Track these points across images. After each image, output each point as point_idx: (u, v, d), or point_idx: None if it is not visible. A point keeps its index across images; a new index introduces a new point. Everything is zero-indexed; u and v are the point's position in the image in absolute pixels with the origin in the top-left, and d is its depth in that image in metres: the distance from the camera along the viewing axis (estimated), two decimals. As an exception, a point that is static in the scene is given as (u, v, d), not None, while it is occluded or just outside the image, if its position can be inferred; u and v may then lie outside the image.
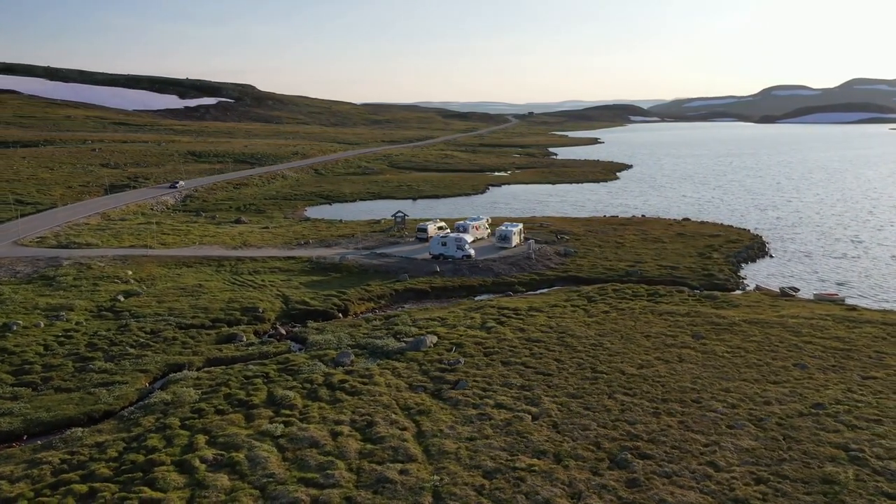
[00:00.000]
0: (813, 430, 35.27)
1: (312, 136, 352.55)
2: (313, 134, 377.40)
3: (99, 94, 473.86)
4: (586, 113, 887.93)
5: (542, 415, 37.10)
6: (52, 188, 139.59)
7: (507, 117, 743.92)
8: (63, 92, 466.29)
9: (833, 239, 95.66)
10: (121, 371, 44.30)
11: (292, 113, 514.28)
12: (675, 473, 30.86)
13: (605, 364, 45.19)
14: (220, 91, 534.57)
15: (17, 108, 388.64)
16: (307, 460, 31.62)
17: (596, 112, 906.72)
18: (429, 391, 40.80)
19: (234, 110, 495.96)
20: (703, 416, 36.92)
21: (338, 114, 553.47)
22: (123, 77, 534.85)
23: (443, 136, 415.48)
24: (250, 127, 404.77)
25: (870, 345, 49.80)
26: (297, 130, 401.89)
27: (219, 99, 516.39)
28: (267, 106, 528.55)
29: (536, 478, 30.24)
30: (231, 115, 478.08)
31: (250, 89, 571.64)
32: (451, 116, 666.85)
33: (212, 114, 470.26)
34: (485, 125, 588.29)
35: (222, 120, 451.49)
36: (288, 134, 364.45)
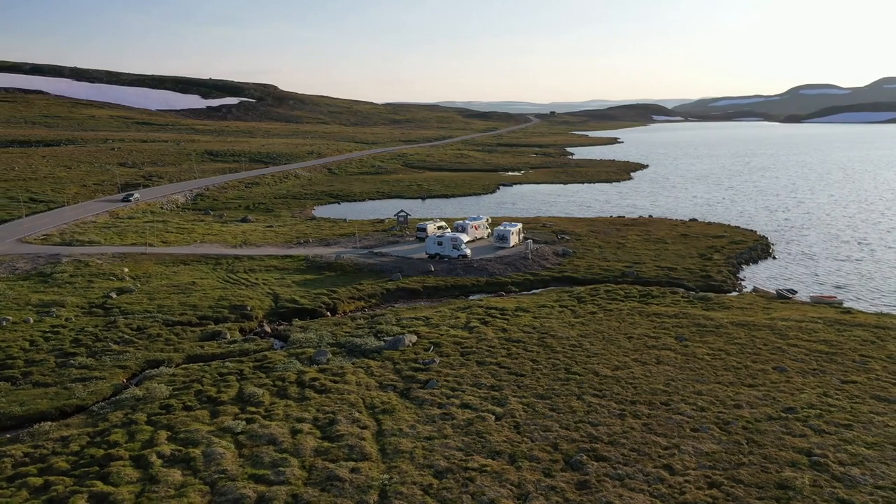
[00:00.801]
0: (779, 435, 34.74)
1: (331, 136, 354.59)
2: (332, 133, 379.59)
3: (124, 95, 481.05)
4: (609, 112, 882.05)
5: (505, 415, 36.99)
6: (67, 186, 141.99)
7: (528, 117, 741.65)
8: (89, 92, 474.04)
9: (840, 241, 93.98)
10: (100, 367, 44.96)
11: (313, 113, 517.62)
12: (629, 476, 30.59)
13: (581, 365, 44.92)
14: (242, 91, 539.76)
15: (44, 108, 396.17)
16: (262, 457, 31.86)
17: (618, 111, 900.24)
18: (398, 390, 40.87)
19: (256, 110, 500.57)
20: (668, 419, 36.54)
21: (358, 113, 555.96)
22: (148, 77, 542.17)
23: (462, 135, 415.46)
24: (270, 126, 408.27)
25: (856, 348, 48.93)
26: (317, 130, 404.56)
27: (241, 99, 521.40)
28: (288, 106, 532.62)
29: (486, 478, 30.16)
30: (252, 114, 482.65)
31: (272, 89, 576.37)
32: (471, 116, 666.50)
33: (233, 113, 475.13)
34: (505, 125, 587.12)
35: (244, 119, 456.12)
36: (307, 133, 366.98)
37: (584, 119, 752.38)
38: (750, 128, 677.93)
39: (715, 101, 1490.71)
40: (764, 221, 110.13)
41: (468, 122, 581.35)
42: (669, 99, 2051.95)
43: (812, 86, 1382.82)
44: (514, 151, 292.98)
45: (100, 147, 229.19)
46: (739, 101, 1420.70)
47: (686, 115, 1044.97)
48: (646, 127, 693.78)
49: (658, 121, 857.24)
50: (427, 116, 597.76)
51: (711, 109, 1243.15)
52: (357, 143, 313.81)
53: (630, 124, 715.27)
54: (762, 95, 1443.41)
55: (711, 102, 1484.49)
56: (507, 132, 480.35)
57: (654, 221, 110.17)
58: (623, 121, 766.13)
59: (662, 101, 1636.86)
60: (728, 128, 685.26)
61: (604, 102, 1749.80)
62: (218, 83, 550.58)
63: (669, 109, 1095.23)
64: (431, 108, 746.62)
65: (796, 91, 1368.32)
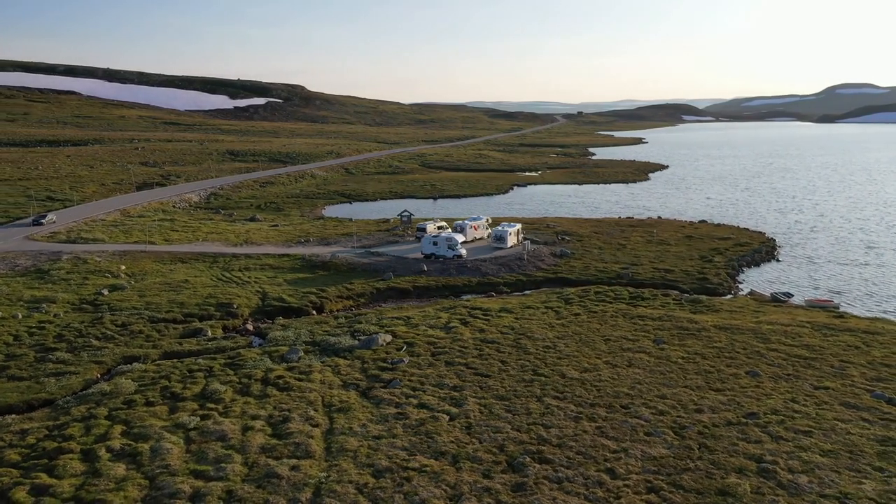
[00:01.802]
0: (733, 441, 34.16)
1: (354, 136, 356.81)
2: (356, 133, 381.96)
3: (153, 95, 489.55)
4: (637, 112, 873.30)
5: (460, 416, 36.92)
6: (86, 185, 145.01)
7: (555, 117, 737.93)
8: (120, 93, 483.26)
9: (848, 244, 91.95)
10: (77, 362, 45.90)
11: (338, 113, 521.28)
12: (568, 479, 30.33)
13: (550, 367, 44.63)
14: (269, 91, 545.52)
15: (76, 109, 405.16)
16: (207, 453, 32.25)
17: (647, 111, 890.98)
18: (360, 389, 41.04)
19: (283, 110, 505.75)
20: (624, 423, 36.14)
21: (384, 113, 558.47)
22: (178, 78, 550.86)
23: (485, 135, 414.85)
24: (295, 126, 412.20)
25: (838, 354, 47.90)
26: (341, 130, 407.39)
27: (268, 99, 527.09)
28: (314, 106, 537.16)
29: (424, 478, 30.16)
30: (279, 114, 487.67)
31: (299, 89, 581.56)
32: (497, 116, 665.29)
33: (260, 114, 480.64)
34: (530, 125, 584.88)
35: (270, 120, 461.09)
36: (330, 133, 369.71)
37: (612, 119, 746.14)
38: (781, 128, 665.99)
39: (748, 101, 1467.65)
40: (774, 223, 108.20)
41: (493, 123, 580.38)
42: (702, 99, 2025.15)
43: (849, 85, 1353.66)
44: (534, 152, 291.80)
45: (124, 147, 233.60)
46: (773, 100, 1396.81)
47: (717, 115, 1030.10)
48: (674, 127, 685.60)
49: (688, 121, 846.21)
50: (452, 116, 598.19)
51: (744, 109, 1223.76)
52: (379, 143, 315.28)
53: (658, 124, 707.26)
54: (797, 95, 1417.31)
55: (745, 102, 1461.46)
56: (531, 132, 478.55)
57: (661, 223, 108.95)
58: (651, 121, 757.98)
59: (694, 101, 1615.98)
60: (759, 128, 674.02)
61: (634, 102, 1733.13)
62: (246, 84, 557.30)
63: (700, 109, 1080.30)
64: (458, 109, 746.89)
65: (832, 90, 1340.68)
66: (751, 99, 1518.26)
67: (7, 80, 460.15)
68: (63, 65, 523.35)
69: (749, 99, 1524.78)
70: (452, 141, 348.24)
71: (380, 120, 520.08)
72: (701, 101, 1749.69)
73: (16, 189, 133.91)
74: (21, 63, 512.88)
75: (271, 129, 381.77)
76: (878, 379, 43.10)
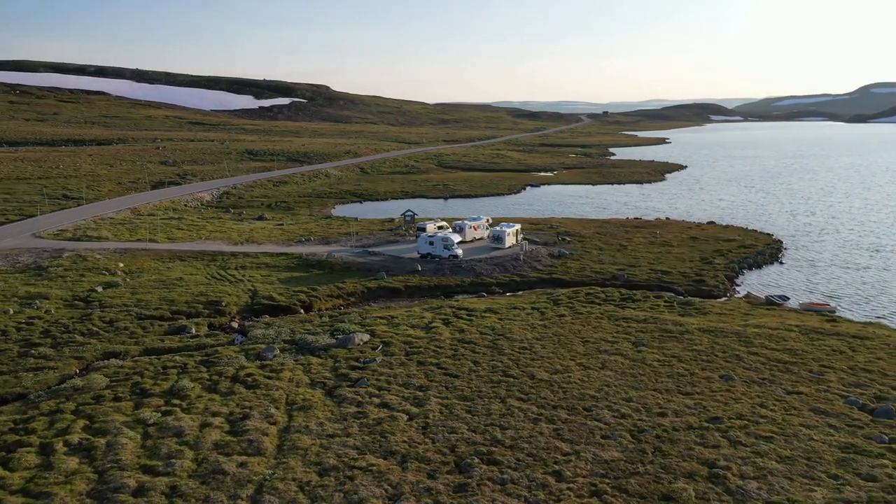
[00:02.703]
0: (690, 445, 33.72)
1: (376, 136, 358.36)
2: (377, 133, 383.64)
3: (180, 95, 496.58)
4: (664, 112, 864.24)
5: (419, 416, 36.95)
6: (103, 184, 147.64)
7: (579, 116, 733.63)
8: (148, 93, 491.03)
9: (856, 247, 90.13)
10: (58, 357, 46.77)
11: (362, 112, 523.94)
12: (512, 481, 30.20)
13: (521, 368, 44.45)
14: (293, 91, 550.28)
15: (104, 109, 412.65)
16: (161, 449, 32.70)
17: (674, 111, 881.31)
18: (326, 388, 41.26)
19: (306, 110, 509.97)
20: (582, 425, 35.87)
21: (407, 113, 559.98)
22: (204, 78, 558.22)
23: (507, 135, 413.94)
24: (318, 126, 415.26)
25: (820, 358, 47.01)
26: (363, 130, 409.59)
27: (292, 99, 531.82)
28: (338, 106, 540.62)
29: (367, 478, 30.25)
30: (303, 114, 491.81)
31: (324, 89, 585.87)
32: (521, 116, 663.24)
33: (284, 113, 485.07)
34: (553, 125, 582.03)
35: (294, 119, 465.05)
36: (352, 133, 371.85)
37: (637, 119, 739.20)
38: (810, 128, 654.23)
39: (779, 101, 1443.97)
40: (783, 225, 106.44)
41: (517, 122, 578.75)
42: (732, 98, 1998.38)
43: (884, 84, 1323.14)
44: (554, 151, 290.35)
45: (146, 146, 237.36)
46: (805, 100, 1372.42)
47: (746, 115, 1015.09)
48: (701, 127, 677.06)
49: (715, 121, 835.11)
50: (476, 116, 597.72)
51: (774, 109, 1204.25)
52: (400, 142, 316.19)
53: (685, 124, 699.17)
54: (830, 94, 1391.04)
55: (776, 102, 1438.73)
56: (554, 132, 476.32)
57: (668, 224, 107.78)
58: (678, 121, 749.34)
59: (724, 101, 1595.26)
60: (787, 128, 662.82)
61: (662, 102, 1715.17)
62: (271, 83, 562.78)
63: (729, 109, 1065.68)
64: (482, 108, 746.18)
65: (866, 90, 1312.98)
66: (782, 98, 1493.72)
67: (39, 80, 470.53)
68: (93, 65, 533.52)
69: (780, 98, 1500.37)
70: (473, 141, 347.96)
71: (402, 120, 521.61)
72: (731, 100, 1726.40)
73: (34, 187, 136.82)
74: (53, 64, 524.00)
75: (294, 128, 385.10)
76: (856, 385, 42.23)
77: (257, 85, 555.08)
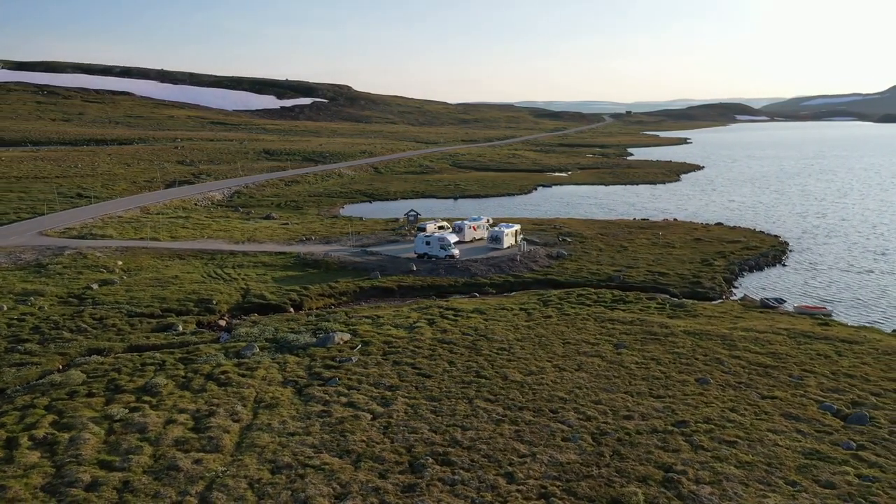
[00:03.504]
0: (650, 449, 33.37)
1: (394, 135, 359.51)
2: (396, 133, 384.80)
3: (203, 95, 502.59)
4: (688, 112, 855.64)
5: (383, 415, 37.04)
6: (118, 183, 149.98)
7: (602, 116, 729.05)
8: (172, 93, 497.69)
9: (861, 250, 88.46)
10: (43, 353, 47.62)
11: (382, 112, 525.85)
12: (462, 482, 30.15)
13: (496, 369, 44.33)
14: (315, 91, 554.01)
15: (129, 109, 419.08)
16: (121, 444, 33.17)
17: (698, 111, 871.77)
18: (297, 386, 41.51)
19: (327, 110, 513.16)
20: (545, 427, 35.68)
21: (427, 113, 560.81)
22: (227, 79, 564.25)
23: (527, 135, 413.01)
24: (338, 126, 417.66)
25: (804, 363, 46.25)
26: (382, 129, 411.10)
27: (314, 99, 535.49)
28: (359, 105, 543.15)
29: (318, 476, 30.39)
30: (323, 114, 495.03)
31: (346, 90, 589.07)
32: (542, 116, 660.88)
33: (305, 113, 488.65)
34: (575, 125, 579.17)
35: (314, 119, 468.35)
36: (371, 133, 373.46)
37: (661, 119, 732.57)
38: (837, 128, 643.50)
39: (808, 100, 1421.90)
40: (792, 227, 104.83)
41: (537, 122, 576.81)
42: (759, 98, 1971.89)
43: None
44: (571, 152, 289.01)
45: (165, 146, 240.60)
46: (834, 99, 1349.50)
47: (773, 114, 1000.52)
48: (725, 127, 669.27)
49: (741, 121, 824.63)
50: (497, 116, 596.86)
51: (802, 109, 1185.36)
52: (418, 142, 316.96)
53: (709, 124, 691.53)
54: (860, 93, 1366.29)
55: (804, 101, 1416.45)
56: (574, 132, 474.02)
57: (675, 225, 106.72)
58: (702, 121, 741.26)
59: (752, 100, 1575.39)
60: (813, 128, 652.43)
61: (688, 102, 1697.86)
62: (293, 84, 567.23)
63: (755, 109, 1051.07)
64: (504, 108, 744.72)
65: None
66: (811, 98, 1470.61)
67: (66, 81, 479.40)
68: (119, 66, 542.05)
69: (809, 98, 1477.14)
70: (491, 141, 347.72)
71: (423, 120, 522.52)
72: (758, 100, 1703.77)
73: (50, 186, 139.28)
74: (80, 65, 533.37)
75: (314, 128, 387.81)
76: (835, 390, 41.48)
77: (279, 85, 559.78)
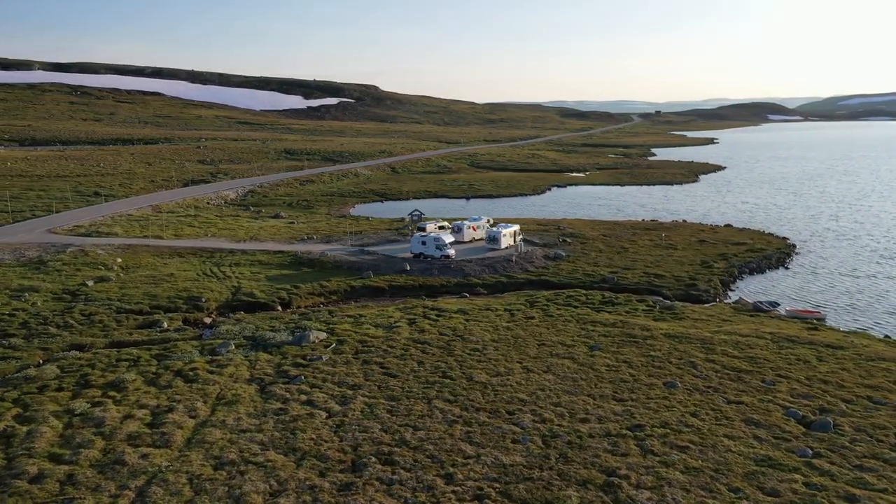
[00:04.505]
0: (598, 452, 33.04)
1: (418, 135, 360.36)
2: (420, 133, 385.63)
3: (232, 96, 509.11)
4: (719, 112, 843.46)
5: (338, 414, 37.24)
6: (136, 182, 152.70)
7: (630, 116, 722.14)
8: (201, 94, 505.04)
9: (870, 253, 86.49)
10: (26, 348, 48.77)
11: (408, 112, 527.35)
12: (400, 482, 30.19)
13: (463, 370, 44.24)
14: (342, 91, 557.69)
15: (158, 109, 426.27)
16: (76, 438, 33.84)
17: (729, 111, 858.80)
18: (262, 384, 41.89)
19: (354, 110, 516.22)
20: (497, 429, 35.53)
21: (453, 113, 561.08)
22: (256, 79, 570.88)
23: (552, 135, 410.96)
24: (363, 126, 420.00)
25: (781, 367, 45.38)
26: (406, 129, 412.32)
27: (340, 99, 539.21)
28: (385, 106, 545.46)
29: (259, 473, 30.66)
30: (349, 114, 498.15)
31: (372, 90, 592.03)
32: (568, 116, 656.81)
33: (331, 113, 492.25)
34: (602, 124, 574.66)
35: (340, 119, 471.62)
36: (395, 133, 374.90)
37: (691, 119, 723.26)
38: (873, 128, 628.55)
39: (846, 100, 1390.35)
40: (801, 229, 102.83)
41: (564, 122, 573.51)
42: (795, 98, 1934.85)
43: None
44: (593, 152, 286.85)
45: (188, 145, 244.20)
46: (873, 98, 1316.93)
47: (807, 114, 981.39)
48: (756, 127, 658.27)
49: (773, 120, 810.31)
50: (523, 116, 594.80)
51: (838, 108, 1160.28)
52: (440, 142, 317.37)
53: (740, 124, 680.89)
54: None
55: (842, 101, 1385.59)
56: (600, 132, 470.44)
57: (681, 226, 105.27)
58: (733, 120, 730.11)
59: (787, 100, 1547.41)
60: (847, 128, 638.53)
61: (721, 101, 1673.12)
62: (320, 84, 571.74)
63: (789, 109, 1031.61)
64: (531, 108, 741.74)
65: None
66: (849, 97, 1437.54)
67: (99, 81, 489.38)
68: (151, 67, 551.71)
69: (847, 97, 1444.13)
70: (515, 141, 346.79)
71: (448, 119, 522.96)
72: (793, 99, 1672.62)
73: (70, 184, 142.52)
74: (113, 66, 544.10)
75: (339, 128, 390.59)
76: (806, 396, 40.63)
77: (307, 85, 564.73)
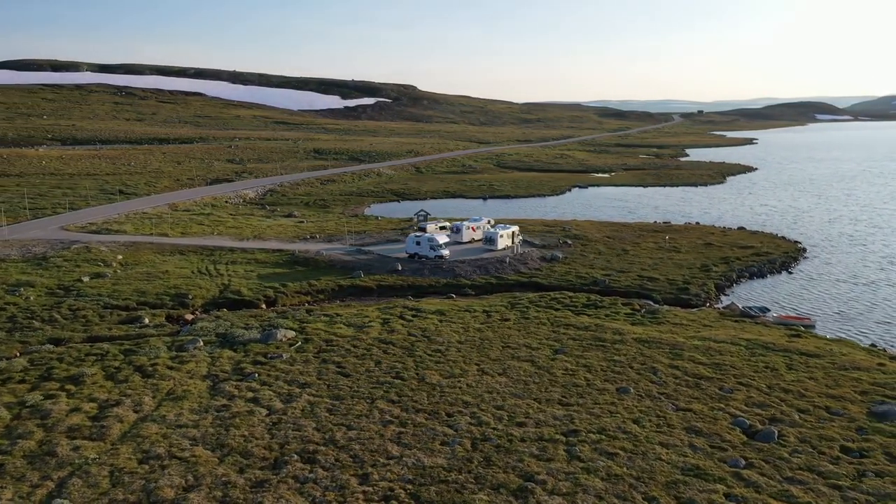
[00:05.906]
0: (522, 457, 32.78)
1: (451, 135, 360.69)
2: (454, 132, 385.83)
3: (271, 96, 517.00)
4: (764, 111, 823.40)
5: (279, 412, 37.69)
6: (161, 180, 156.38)
7: (671, 116, 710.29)
8: (241, 94, 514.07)
9: (879, 258, 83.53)
10: (8, 341, 50.48)
11: (444, 112, 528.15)
12: (315, 481, 30.45)
13: (417, 370, 44.33)
14: (379, 91, 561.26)
15: (199, 109, 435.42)
16: (18, 429, 34.97)
17: (775, 110, 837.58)
18: (216, 381, 42.65)
19: (390, 109, 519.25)
20: (430, 431, 35.54)
21: (489, 113, 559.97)
22: (295, 79, 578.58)
23: (586, 135, 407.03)
24: (397, 126, 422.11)
25: (744, 375, 44.34)
26: (440, 129, 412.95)
27: (377, 99, 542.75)
28: (422, 105, 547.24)
29: (180, 468, 31.27)
30: (385, 114, 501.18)
31: (410, 89, 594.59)
32: (607, 115, 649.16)
33: (368, 113, 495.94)
34: (640, 124, 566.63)
35: (376, 119, 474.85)
36: (428, 132, 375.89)
37: (734, 118, 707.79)
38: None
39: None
40: (815, 233, 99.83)
41: (601, 122, 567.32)
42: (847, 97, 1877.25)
43: None
44: (625, 152, 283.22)
45: (220, 145, 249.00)
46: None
47: (857, 114, 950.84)
48: (802, 127, 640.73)
49: (821, 120, 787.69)
50: (560, 116, 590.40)
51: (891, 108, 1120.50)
52: (472, 142, 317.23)
53: (786, 124, 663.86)
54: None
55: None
56: (637, 132, 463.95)
57: (691, 228, 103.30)
58: (779, 120, 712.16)
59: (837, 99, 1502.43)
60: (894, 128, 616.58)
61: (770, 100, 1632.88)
62: (358, 84, 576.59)
63: (839, 108, 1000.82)
64: (570, 108, 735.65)
65: None
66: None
67: (144, 82, 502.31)
68: (193, 68, 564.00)
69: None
70: (547, 141, 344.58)
71: (484, 119, 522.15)
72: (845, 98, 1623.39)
73: (97, 183, 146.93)
74: (157, 67, 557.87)
75: (373, 128, 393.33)
76: (761, 405, 39.60)
77: (345, 85, 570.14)
